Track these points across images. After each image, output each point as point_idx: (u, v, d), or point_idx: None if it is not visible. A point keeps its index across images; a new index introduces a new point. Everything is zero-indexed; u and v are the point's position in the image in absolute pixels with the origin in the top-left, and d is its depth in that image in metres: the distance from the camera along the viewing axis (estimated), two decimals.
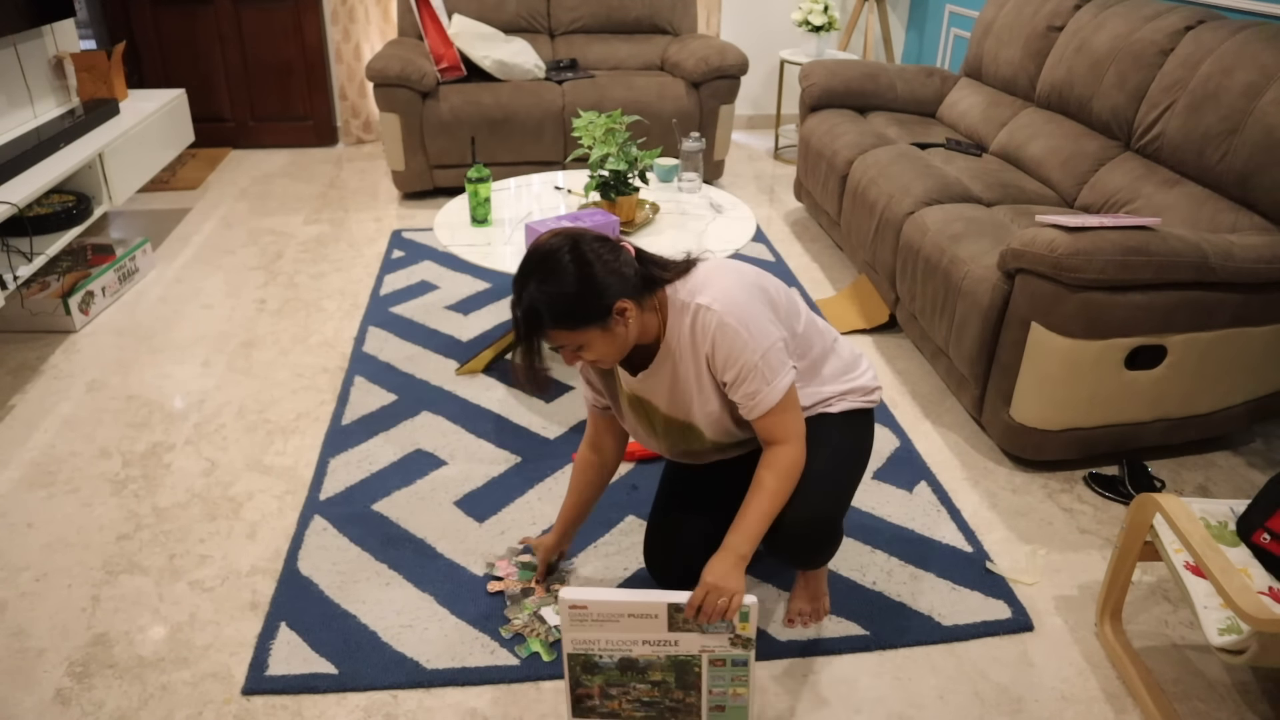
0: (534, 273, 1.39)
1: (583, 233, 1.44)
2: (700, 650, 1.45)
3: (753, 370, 1.45)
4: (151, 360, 2.78)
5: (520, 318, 1.40)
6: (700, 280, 1.49)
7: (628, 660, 1.47)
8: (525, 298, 1.39)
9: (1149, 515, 1.62)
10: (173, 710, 1.61)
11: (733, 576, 1.42)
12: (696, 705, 1.51)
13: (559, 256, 1.39)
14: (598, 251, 1.41)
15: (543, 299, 1.38)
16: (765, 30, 5.22)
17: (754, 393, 1.47)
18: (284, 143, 4.93)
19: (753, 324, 1.44)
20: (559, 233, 1.44)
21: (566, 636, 1.46)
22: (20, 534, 2.04)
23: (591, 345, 1.44)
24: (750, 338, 1.44)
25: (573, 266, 1.38)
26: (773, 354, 1.46)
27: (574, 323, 1.40)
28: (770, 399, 1.47)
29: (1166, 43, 2.65)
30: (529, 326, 1.40)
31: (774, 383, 1.46)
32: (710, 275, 1.49)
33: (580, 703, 1.54)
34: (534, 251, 1.42)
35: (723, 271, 1.50)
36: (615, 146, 2.44)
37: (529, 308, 1.39)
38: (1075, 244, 2.01)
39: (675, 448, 1.66)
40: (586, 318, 1.40)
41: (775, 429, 1.50)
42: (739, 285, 1.47)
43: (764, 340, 1.45)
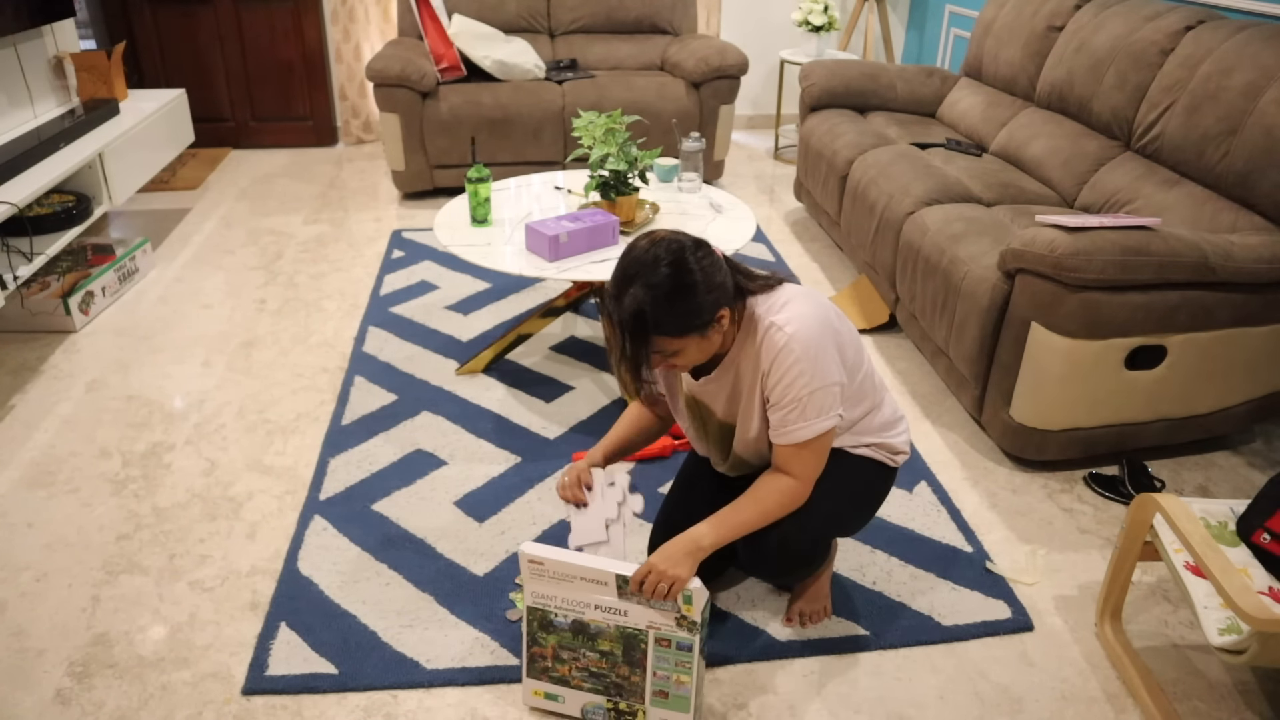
0: (638, 278, 1.37)
1: (681, 239, 1.41)
2: (648, 625, 1.49)
3: (796, 402, 1.45)
4: (151, 360, 2.78)
5: (626, 323, 1.37)
6: (780, 300, 1.48)
7: (580, 623, 1.52)
8: (630, 303, 1.36)
9: (1149, 515, 1.62)
10: (173, 710, 1.61)
11: (681, 562, 1.43)
12: (641, 685, 1.54)
13: (662, 265, 1.36)
14: (700, 260, 1.39)
15: (650, 306, 1.36)
16: (765, 30, 5.22)
17: (789, 421, 1.47)
18: (284, 143, 4.93)
19: (816, 357, 1.43)
20: (659, 239, 1.40)
21: (527, 589, 1.52)
22: (20, 534, 2.04)
23: (686, 352, 1.43)
24: (809, 370, 1.43)
25: (679, 275, 1.36)
26: (823, 394, 1.45)
27: (679, 330, 1.39)
28: (800, 434, 1.46)
29: (1166, 43, 2.65)
30: (635, 332, 1.38)
31: (811, 422, 1.45)
32: (791, 299, 1.48)
33: (534, 662, 1.58)
34: (635, 259, 1.39)
35: (804, 299, 1.48)
36: (615, 146, 2.44)
37: (635, 314, 1.36)
38: (1075, 244, 2.01)
39: (725, 454, 1.66)
40: (691, 326, 1.39)
41: (792, 462, 1.49)
42: (815, 318, 1.45)
43: (821, 378, 1.44)
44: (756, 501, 1.49)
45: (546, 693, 1.60)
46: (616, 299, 1.39)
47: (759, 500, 1.49)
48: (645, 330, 1.37)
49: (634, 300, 1.36)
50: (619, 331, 1.40)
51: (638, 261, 1.38)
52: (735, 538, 1.49)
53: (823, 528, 1.61)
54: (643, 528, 2.07)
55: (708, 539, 1.46)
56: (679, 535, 1.46)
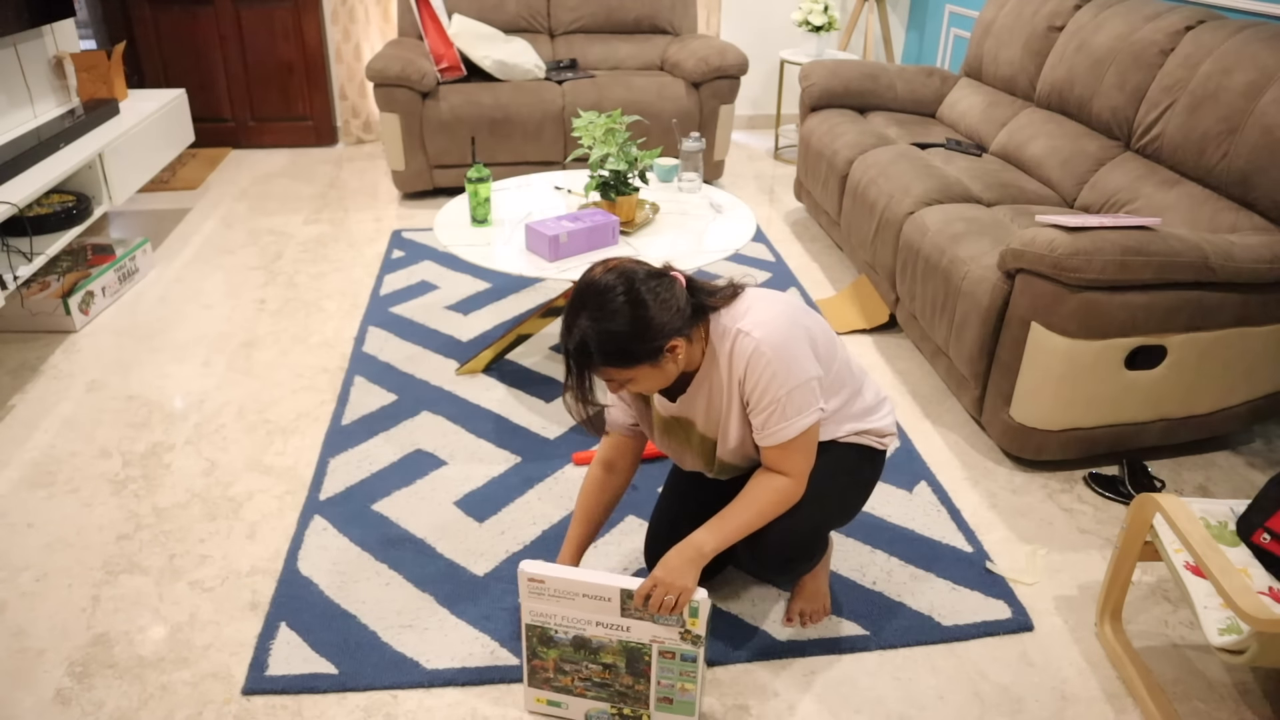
0: (586, 308, 1.37)
1: (636, 268, 1.41)
2: (651, 640, 1.48)
3: (775, 404, 1.45)
4: (151, 360, 2.78)
5: (571, 352, 1.39)
6: (744, 308, 1.48)
7: (581, 639, 1.51)
8: (576, 333, 1.37)
9: (1149, 515, 1.62)
10: (173, 710, 1.61)
11: (685, 572, 1.42)
12: (645, 693, 1.54)
13: (614, 295, 1.37)
14: (654, 290, 1.39)
15: (595, 337, 1.36)
16: (765, 30, 5.22)
17: (771, 423, 1.47)
18: (284, 143, 4.93)
19: (788, 357, 1.44)
20: (613, 267, 1.41)
21: (525, 606, 1.50)
22: (20, 534, 2.04)
23: (639, 380, 1.43)
24: (782, 370, 1.43)
25: (627, 307, 1.36)
26: (801, 391, 1.45)
27: (626, 361, 1.39)
28: (784, 434, 1.47)
29: (1166, 43, 2.65)
30: (579, 362, 1.39)
31: (793, 420, 1.46)
32: (754, 303, 1.48)
33: (535, 674, 1.58)
34: (587, 287, 1.39)
35: (767, 302, 1.49)
36: (615, 146, 2.44)
37: (580, 344, 1.37)
38: (1075, 244, 2.01)
39: (712, 464, 1.66)
40: (639, 357, 1.39)
41: (782, 461, 1.50)
42: (781, 316, 1.46)
43: (796, 376, 1.44)
44: (753, 502, 1.49)
45: (549, 700, 1.60)
46: (566, 329, 1.39)
47: (755, 500, 1.49)
48: (590, 361, 1.38)
49: (580, 331, 1.37)
50: (566, 360, 1.41)
51: (589, 291, 1.38)
52: (736, 540, 1.49)
53: (819, 518, 1.61)
54: (641, 528, 2.07)
55: (709, 544, 1.46)
56: (679, 544, 1.46)
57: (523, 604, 1.51)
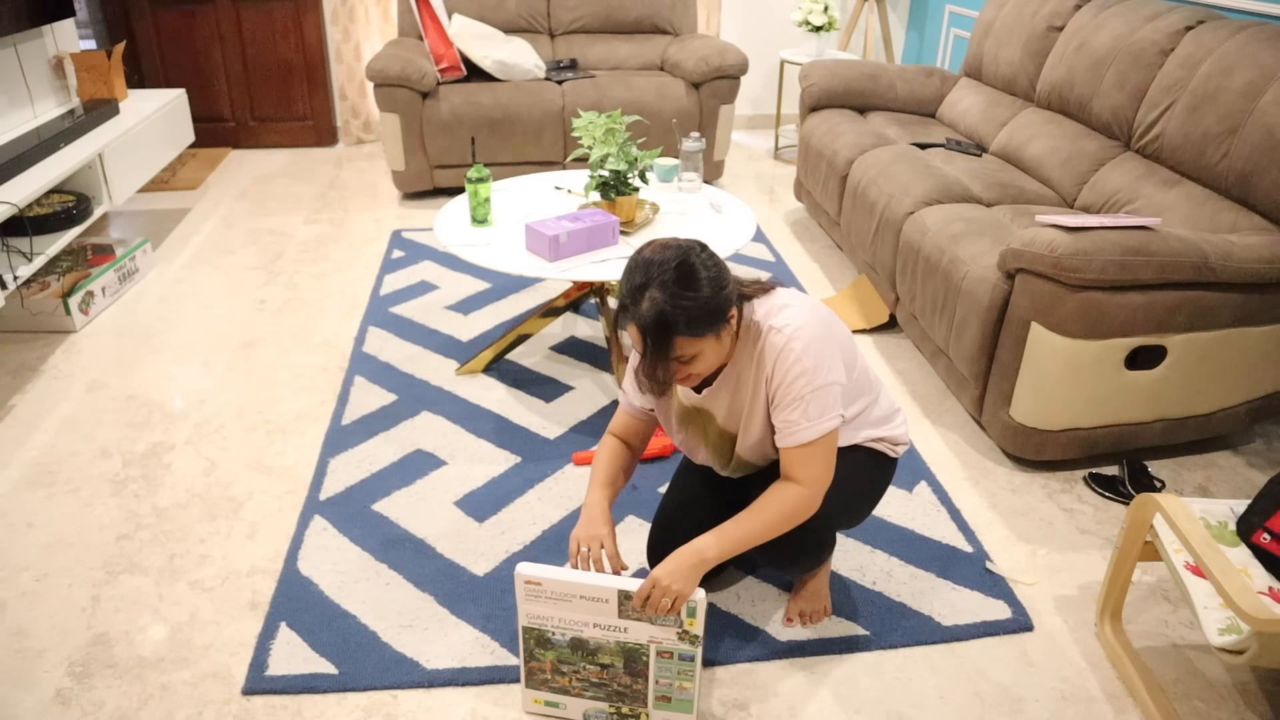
0: (653, 282, 1.36)
1: (687, 240, 1.42)
2: (649, 640, 1.48)
3: (798, 401, 1.45)
4: (151, 360, 2.78)
5: (649, 327, 1.37)
6: (777, 304, 1.49)
7: (578, 640, 1.51)
8: (651, 307, 1.36)
9: (1149, 515, 1.62)
10: (173, 710, 1.61)
11: (685, 576, 1.42)
12: (643, 692, 1.54)
13: (681, 265, 1.37)
14: (706, 260, 1.40)
15: (672, 306, 1.35)
16: (765, 30, 5.22)
17: (792, 422, 1.47)
18: (284, 143, 4.93)
19: (817, 358, 1.44)
20: (666, 243, 1.41)
21: (521, 609, 1.50)
22: (20, 534, 2.04)
23: (705, 355, 1.43)
24: (810, 369, 1.44)
25: (694, 274, 1.37)
26: (825, 393, 1.46)
27: (702, 329, 1.38)
28: (805, 434, 1.46)
29: (1166, 43, 2.65)
30: (659, 335, 1.37)
31: (815, 421, 1.46)
32: (788, 302, 1.49)
33: (533, 675, 1.57)
34: (650, 263, 1.38)
35: (801, 304, 1.50)
36: (615, 146, 2.44)
37: (659, 315, 1.36)
38: (1075, 244, 2.01)
39: (727, 461, 1.66)
40: (709, 325, 1.39)
41: (798, 466, 1.48)
42: (814, 320, 1.47)
43: (822, 377, 1.45)
44: (763, 512, 1.48)
45: (547, 700, 1.60)
46: (634, 305, 1.38)
47: (765, 511, 1.48)
48: (669, 332, 1.37)
49: (653, 303, 1.36)
50: (643, 336, 1.39)
51: (649, 266, 1.38)
52: (741, 550, 1.48)
53: (829, 515, 1.61)
54: (641, 528, 2.07)
55: (712, 551, 1.45)
56: (682, 548, 1.45)
57: (519, 607, 1.50)
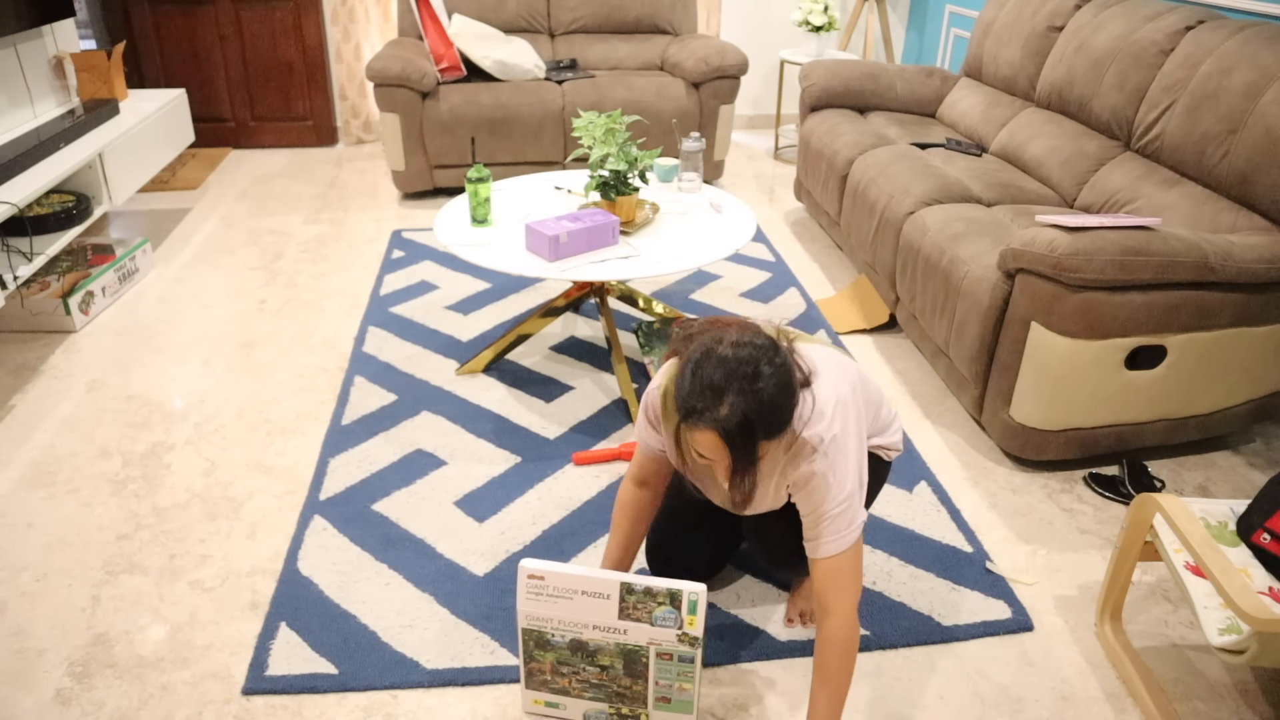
0: (732, 388, 1.29)
1: (761, 343, 1.34)
2: (648, 642, 1.48)
3: (824, 518, 1.43)
4: (151, 360, 2.78)
5: (734, 431, 1.30)
6: (808, 401, 1.41)
7: (578, 642, 1.51)
8: (733, 415, 1.29)
9: (1149, 515, 1.62)
10: (173, 710, 1.61)
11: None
12: (643, 693, 1.54)
13: (757, 372, 1.30)
14: (780, 360, 1.33)
15: (758, 413, 1.29)
16: (765, 30, 5.22)
17: (818, 536, 1.44)
18: (284, 143, 4.93)
19: (843, 473, 1.42)
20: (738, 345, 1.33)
21: (521, 610, 1.50)
22: (20, 534, 2.04)
23: (768, 454, 1.39)
24: (833, 487, 1.41)
25: (773, 381, 1.30)
26: (847, 510, 1.42)
27: (778, 433, 1.34)
28: (828, 549, 1.44)
29: (1166, 43, 2.65)
30: (743, 442, 1.31)
31: (841, 535, 1.43)
32: (818, 395, 1.42)
33: (532, 676, 1.57)
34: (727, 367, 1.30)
35: (830, 394, 1.43)
36: (615, 146, 2.44)
37: (742, 423, 1.29)
38: (1075, 244, 2.01)
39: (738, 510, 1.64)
40: (785, 427, 1.34)
41: (829, 584, 1.44)
42: (849, 417, 1.43)
43: (844, 489, 1.42)
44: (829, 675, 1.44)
45: (547, 701, 1.60)
46: (710, 410, 1.30)
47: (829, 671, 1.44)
48: (753, 438, 1.31)
49: (736, 411, 1.29)
50: (726, 443, 1.32)
51: (730, 371, 1.30)
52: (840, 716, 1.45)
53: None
54: None
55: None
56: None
57: (519, 607, 1.50)
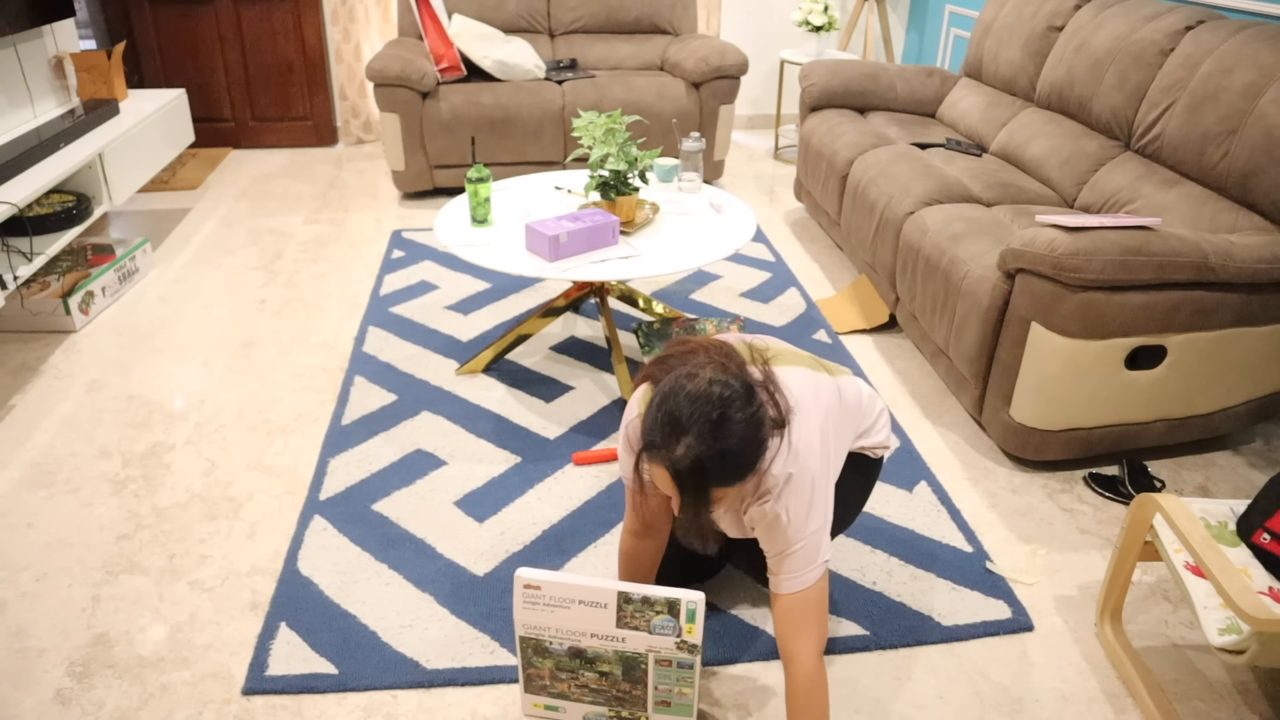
0: (691, 430, 1.26)
1: (733, 387, 1.30)
2: (647, 649, 1.47)
3: (783, 556, 1.40)
4: (151, 360, 2.78)
5: (685, 476, 1.28)
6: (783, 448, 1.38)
7: (576, 649, 1.50)
8: (686, 456, 1.26)
9: (1149, 515, 1.62)
10: (173, 710, 1.61)
11: None
12: (643, 698, 1.54)
13: (718, 417, 1.27)
14: (751, 408, 1.30)
15: (711, 460, 1.27)
16: (765, 30, 5.22)
17: (778, 573, 1.42)
18: (284, 143, 4.93)
19: (804, 512, 1.38)
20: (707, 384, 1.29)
21: (519, 619, 1.49)
22: (20, 534, 2.04)
23: (728, 497, 1.35)
24: (793, 526, 1.39)
25: (736, 429, 1.27)
26: (805, 549, 1.39)
27: (735, 479, 1.31)
28: (788, 586, 1.41)
29: (1166, 43, 2.65)
30: (695, 486, 1.29)
31: (800, 573, 1.40)
32: (796, 442, 1.39)
33: (531, 681, 1.57)
34: (687, 408, 1.27)
35: (806, 434, 1.40)
36: (615, 146, 2.44)
37: (694, 467, 1.27)
38: (1075, 244, 2.01)
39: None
40: (746, 475, 1.32)
41: (788, 624, 1.42)
42: (818, 455, 1.39)
43: (805, 528, 1.39)
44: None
45: (546, 705, 1.59)
46: (665, 449, 1.28)
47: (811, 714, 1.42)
48: (706, 481, 1.29)
49: (690, 453, 1.26)
50: (676, 483, 1.30)
51: (688, 411, 1.27)
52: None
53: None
54: None
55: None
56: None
57: (516, 616, 1.49)
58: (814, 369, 1.51)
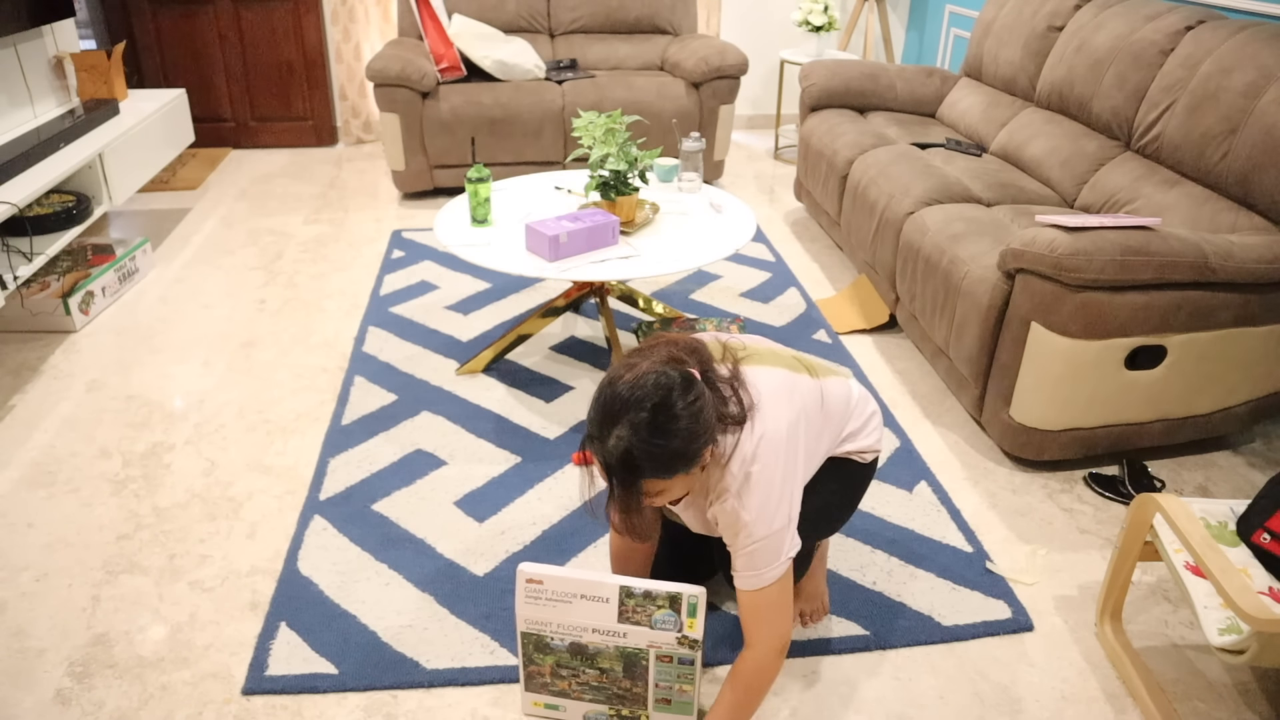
0: (623, 420, 1.26)
1: (673, 379, 1.29)
2: (648, 645, 1.48)
3: (739, 552, 1.39)
4: (151, 360, 2.78)
5: (615, 467, 1.28)
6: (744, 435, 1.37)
7: (578, 645, 1.51)
8: (618, 446, 1.26)
9: (1149, 515, 1.62)
10: (173, 710, 1.61)
11: None
12: (643, 695, 1.54)
13: (651, 407, 1.26)
14: (690, 399, 1.28)
15: (641, 450, 1.26)
16: (765, 30, 5.22)
17: (737, 570, 1.40)
18: (284, 143, 4.93)
19: (761, 511, 1.36)
20: (643, 375, 1.29)
21: (520, 614, 1.50)
22: (20, 534, 2.04)
23: (672, 490, 1.34)
24: (749, 525, 1.36)
25: (668, 421, 1.26)
26: (763, 549, 1.37)
27: (669, 472, 1.29)
28: (746, 584, 1.40)
29: (1166, 43, 2.65)
30: (625, 476, 1.28)
31: (758, 572, 1.38)
32: (756, 437, 1.36)
33: (532, 679, 1.57)
34: (622, 398, 1.27)
35: (769, 431, 1.37)
36: (615, 146, 2.44)
37: (624, 456, 1.26)
38: (1075, 244, 2.01)
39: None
40: (681, 467, 1.29)
41: (750, 617, 1.41)
42: (782, 454, 1.37)
43: (761, 527, 1.37)
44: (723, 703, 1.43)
45: (547, 703, 1.60)
46: (600, 440, 1.28)
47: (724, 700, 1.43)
48: (638, 472, 1.28)
49: (623, 440, 1.26)
50: (607, 474, 1.31)
51: (624, 402, 1.27)
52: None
53: (808, 531, 1.58)
54: None
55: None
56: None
57: (518, 611, 1.50)
58: (794, 370, 1.47)
